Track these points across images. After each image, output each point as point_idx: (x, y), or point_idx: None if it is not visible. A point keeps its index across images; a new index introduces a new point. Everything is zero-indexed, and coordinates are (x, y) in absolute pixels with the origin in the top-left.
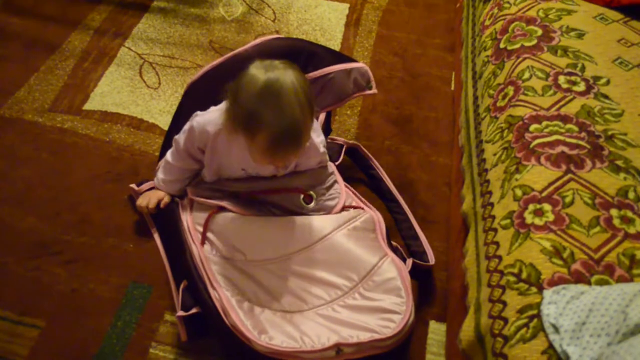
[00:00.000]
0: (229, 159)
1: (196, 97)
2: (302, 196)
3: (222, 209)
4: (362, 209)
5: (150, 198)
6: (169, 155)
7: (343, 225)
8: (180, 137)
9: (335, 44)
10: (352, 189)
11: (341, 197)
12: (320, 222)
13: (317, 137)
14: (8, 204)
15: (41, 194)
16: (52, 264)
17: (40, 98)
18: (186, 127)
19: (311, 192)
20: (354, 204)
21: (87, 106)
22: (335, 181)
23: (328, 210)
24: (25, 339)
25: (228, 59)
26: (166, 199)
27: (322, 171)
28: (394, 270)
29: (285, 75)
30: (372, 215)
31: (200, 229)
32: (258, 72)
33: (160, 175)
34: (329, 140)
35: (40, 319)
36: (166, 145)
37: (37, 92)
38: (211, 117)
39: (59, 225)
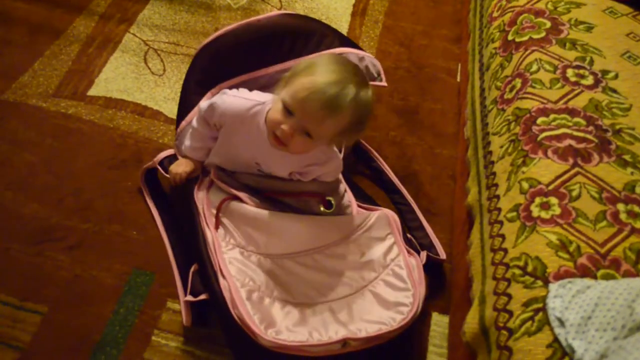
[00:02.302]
0: (243, 152)
1: (206, 61)
2: (320, 204)
3: (237, 198)
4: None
5: (183, 165)
6: (194, 121)
7: (359, 225)
8: (203, 105)
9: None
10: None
11: (353, 205)
12: (336, 222)
13: (338, 159)
14: (11, 189)
15: (44, 180)
16: (55, 250)
17: (45, 83)
18: (213, 98)
19: (330, 198)
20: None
21: (92, 92)
22: (346, 190)
23: None
24: (28, 325)
25: (241, 26)
26: (194, 173)
27: (335, 181)
28: (402, 265)
29: (363, 77)
30: (384, 212)
31: (214, 211)
32: None
33: (187, 142)
34: None
35: (43, 305)
36: (181, 110)
37: (42, 77)
38: (236, 104)
39: (62, 211)
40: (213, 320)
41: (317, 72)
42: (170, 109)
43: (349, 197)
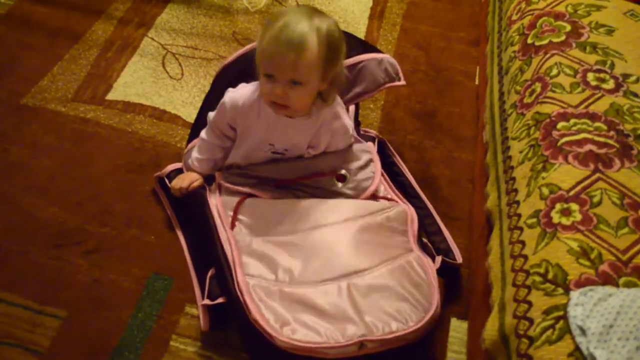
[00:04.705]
0: (257, 134)
1: (228, 80)
2: (334, 177)
3: (251, 195)
4: (397, 202)
5: (184, 179)
6: (203, 132)
7: (376, 212)
8: (211, 113)
9: (359, 37)
10: (389, 181)
11: (375, 178)
12: (352, 205)
13: (347, 119)
14: (30, 193)
15: (63, 184)
16: (73, 254)
17: (64, 87)
18: (221, 100)
19: (344, 172)
20: (388, 196)
21: (110, 96)
22: (371, 160)
23: (361, 191)
24: (47, 329)
25: None
26: (198, 182)
27: (349, 149)
28: (420, 264)
29: (313, 11)
30: (405, 209)
31: (231, 213)
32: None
33: (194, 154)
34: (362, 132)
35: (62, 309)
36: (195, 129)
37: (60, 82)
38: (243, 92)
39: (80, 215)
40: (231, 324)
41: (269, 30)
42: (189, 113)
43: (372, 169)
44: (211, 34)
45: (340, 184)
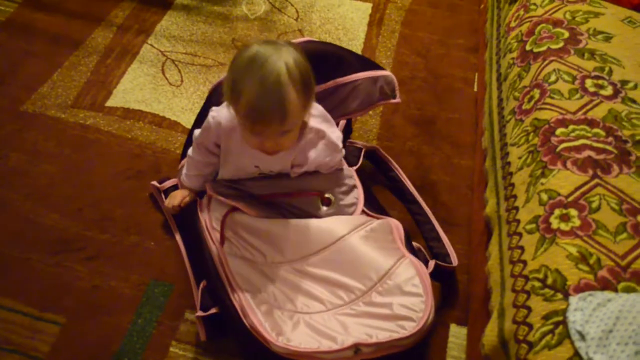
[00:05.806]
0: (241, 157)
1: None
2: (319, 199)
3: (238, 209)
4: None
5: (175, 197)
6: (190, 150)
7: (360, 226)
8: (197, 131)
9: (357, 44)
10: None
11: (359, 204)
12: (337, 224)
13: (333, 133)
14: (31, 200)
15: (63, 190)
16: (73, 261)
17: (63, 94)
18: (205, 121)
19: (329, 195)
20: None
21: (110, 103)
22: (355, 186)
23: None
24: (46, 335)
25: None
26: (189, 198)
27: (338, 173)
28: (412, 271)
29: (279, 49)
30: (388, 220)
31: (219, 228)
32: (254, 44)
33: (184, 170)
34: (347, 144)
35: (61, 315)
36: (188, 144)
37: (60, 88)
38: (225, 113)
39: (80, 222)
40: (228, 332)
41: (243, 92)
42: (188, 120)
43: (356, 195)
44: (211, 41)
45: (324, 208)
